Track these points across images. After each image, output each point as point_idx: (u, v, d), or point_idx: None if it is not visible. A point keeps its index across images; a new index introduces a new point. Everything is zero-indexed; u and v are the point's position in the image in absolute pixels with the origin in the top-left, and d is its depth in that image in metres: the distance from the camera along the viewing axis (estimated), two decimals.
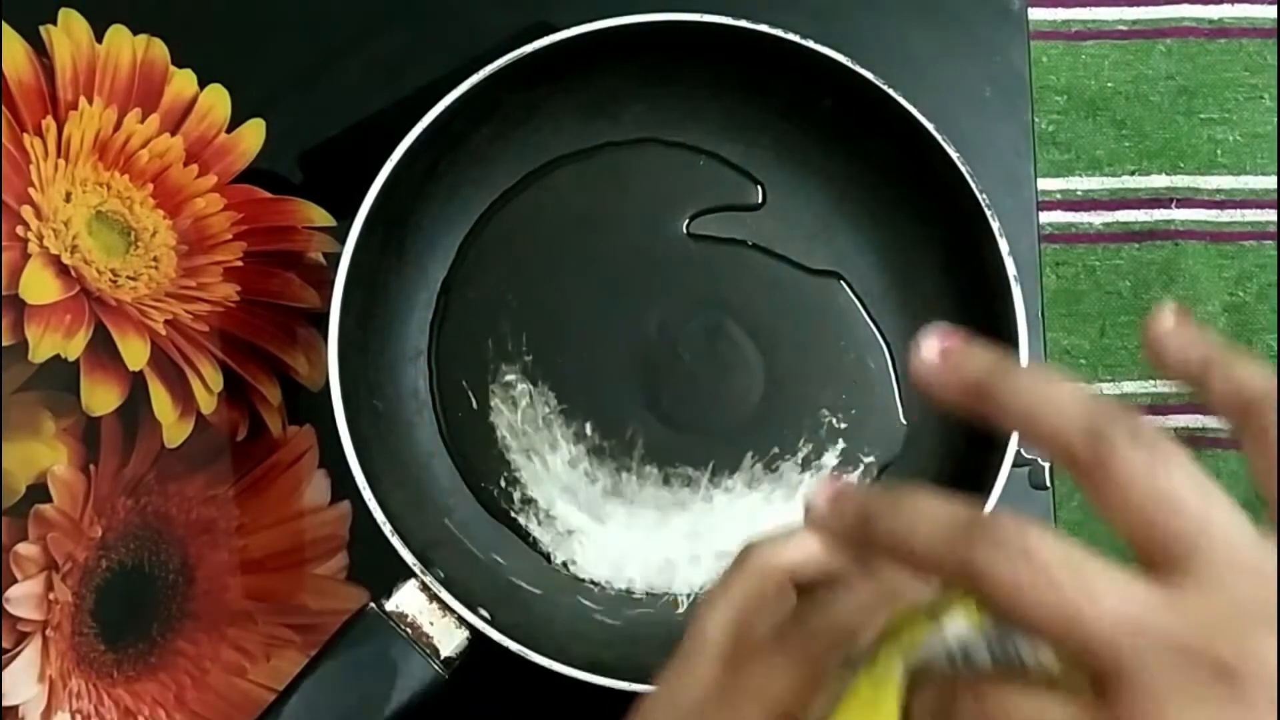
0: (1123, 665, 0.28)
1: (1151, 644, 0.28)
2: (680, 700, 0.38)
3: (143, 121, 0.63)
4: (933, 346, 0.33)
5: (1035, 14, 1.17)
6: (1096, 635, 0.28)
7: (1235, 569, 0.29)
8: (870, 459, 0.61)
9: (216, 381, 0.62)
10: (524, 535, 0.60)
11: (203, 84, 0.64)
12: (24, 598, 0.61)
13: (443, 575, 0.55)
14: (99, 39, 0.64)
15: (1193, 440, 1.13)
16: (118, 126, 0.63)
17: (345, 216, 0.58)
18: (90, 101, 0.63)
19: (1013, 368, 0.32)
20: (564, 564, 0.60)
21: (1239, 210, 1.21)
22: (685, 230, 0.62)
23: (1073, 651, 0.29)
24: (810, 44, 0.56)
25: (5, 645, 0.60)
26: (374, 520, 0.55)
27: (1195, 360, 0.33)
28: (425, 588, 0.54)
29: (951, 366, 0.33)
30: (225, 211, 0.63)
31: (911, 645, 0.33)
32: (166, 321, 0.63)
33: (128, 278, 0.63)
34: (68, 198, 0.63)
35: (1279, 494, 0.31)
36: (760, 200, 0.62)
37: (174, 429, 0.62)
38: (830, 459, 0.61)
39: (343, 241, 0.56)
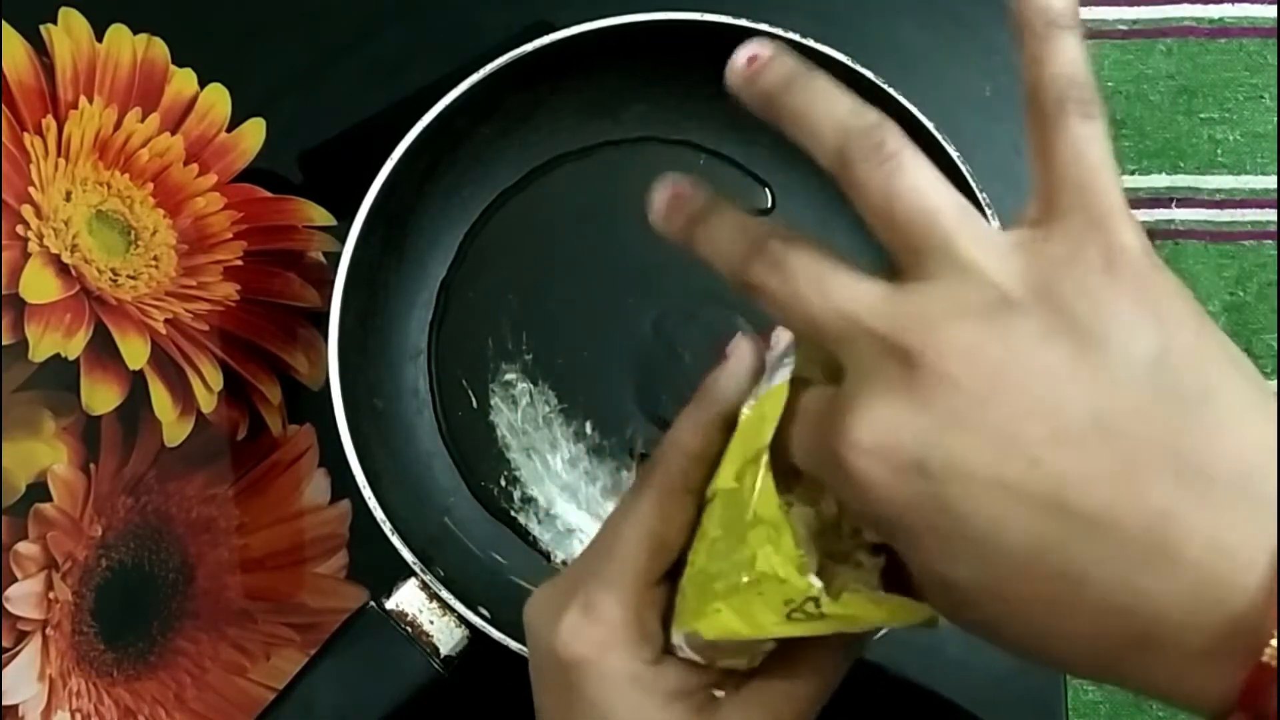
0: (840, 351, 0.32)
1: (860, 333, 0.32)
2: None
3: (143, 121, 0.63)
4: (743, 55, 0.36)
5: None
6: (824, 326, 0.32)
7: (948, 268, 0.32)
8: None
9: (216, 380, 0.62)
10: (524, 534, 0.60)
11: (203, 83, 0.64)
12: (24, 597, 0.61)
13: (443, 574, 0.55)
14: (99, 38, 0.64)
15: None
16: (118, 126, 0.63)
17: (345, 216, 0.58)
18: (90, 100, 0.63)
19: (803, 76, 0.35)
20: (564, 563, 0.60)
21: (1239, 210, 1.21)
22: None
23: (812, 343, 0.33)
24: (810, 43, 0.56)
25: (5, 644, 0.61)
26: (374, 519, 0.55)
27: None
28: (425, 586, 0.54)
29: (754, 73, 0.36)
30: (225, 211, 0.63)
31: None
32: (166, 320, 0.63)
33: (128, 277, 0.63)
34: (68, 197, 0.63)
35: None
36: (770, 205, 0.62)
37: (174, 428, 0.62)
38: None
39: (343, 241, 0.56)
